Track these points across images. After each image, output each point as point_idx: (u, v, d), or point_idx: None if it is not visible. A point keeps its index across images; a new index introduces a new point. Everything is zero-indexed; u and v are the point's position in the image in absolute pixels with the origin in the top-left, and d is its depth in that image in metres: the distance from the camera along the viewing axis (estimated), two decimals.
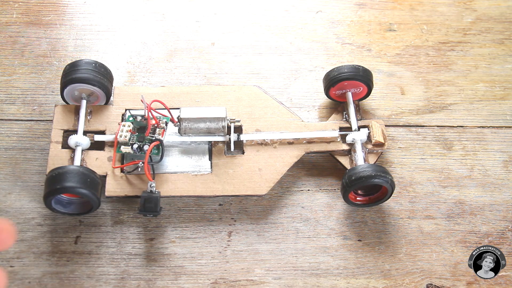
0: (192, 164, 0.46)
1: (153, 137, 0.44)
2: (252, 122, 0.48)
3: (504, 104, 0.54)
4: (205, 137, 0.46)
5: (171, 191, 0.44)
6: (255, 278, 0.44)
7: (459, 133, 0.52)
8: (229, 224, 0.46)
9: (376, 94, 0.53)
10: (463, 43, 0.58)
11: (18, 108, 0.51)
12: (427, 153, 0.50)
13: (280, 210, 0.47)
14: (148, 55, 0.55)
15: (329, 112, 0.52)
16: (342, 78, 0.48)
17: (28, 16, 0.57)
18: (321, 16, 0.59)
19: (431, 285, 0.44)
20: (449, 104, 0.53)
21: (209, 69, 0.55)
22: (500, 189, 0.49)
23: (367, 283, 0.44)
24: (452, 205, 0.48)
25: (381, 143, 0.47)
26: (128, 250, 0.44)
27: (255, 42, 0.57)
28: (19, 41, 0.55)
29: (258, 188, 0.45)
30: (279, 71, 0.55)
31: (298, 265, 0.44)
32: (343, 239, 0.46)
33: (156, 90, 0.49)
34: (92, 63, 0.47)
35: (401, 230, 0.46)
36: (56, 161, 0.44)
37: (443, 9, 0.60)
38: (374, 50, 0.57)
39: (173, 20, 0.58)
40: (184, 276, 0.43)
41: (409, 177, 0.49)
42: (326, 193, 0.48)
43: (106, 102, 0.49)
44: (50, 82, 0.53)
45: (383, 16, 0.59)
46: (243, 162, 0.46)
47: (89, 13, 0.58)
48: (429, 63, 0.56)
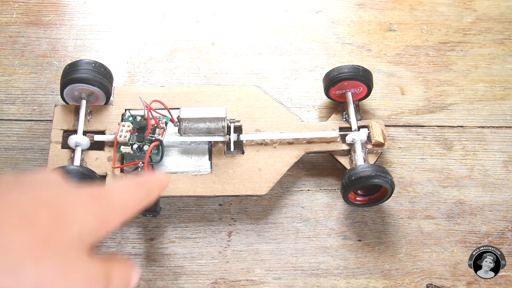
0: (192, 164, 0.46)
1: (153, 137, 0.44)
2: (252, 122, 0.48)
3: (504, 104, 0.54)
4: (205, 137, 0.46)
5: (171, 191, 0.44)
6: (255, 278, 0.44)
7: (459, 133, 0.52)
8: (229, 224, 0.46)
9: (376, 94, 0.53)
10: (463, 43, 0.58)
11: (18, 108, 0.51)
12: (427, 153, 0.50)
13: (280, 210, 0.47)
14: (148, 55, 0.55)
15: (329, 112, 0.52)
16: (342, 78, 0.48)
17: (28, 16, 0.57)
18: (321, 16, 0.59)
19: (431, 285, 0.44)
20: (449, 104, 0.53)
21: (209, 69, 0.55)
22: (500, 189, 0.49)
23: (367, 283, 0.44)
24: (452, 205, 0.48)
25: (381, 143, 0.47)
26: (128, 250, 0.44)
27: (255, 42, 0.57)
28: (19, 41, 0.55)
29: (258, 188, 0.45)
30: (279, 71, 0.55)
31: (298, 265, 0.44)
32: (343, 239, 0.46)
33: (156, 90, 0.49)
34: (92, 63, 0.47)
35: (401, 230, 0.46)
36: (56, 161, 0.44)
37: (443, 9, 0.60)
38: (374, 50, 0.57)
39: (173, 20, 0.58)
40: (184, 276, 0.43)
41: (409, 177, 0.49)
42: (326, 193, 0.48)
43: (106, 102, 0.49)
44: (50, 82, 0.53)
45: (383, 16, 0.59)
46: (243, 162, 0.46)
47: (89, 13, 0.58)
48: (429, 63, 0.56)
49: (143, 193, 0.24)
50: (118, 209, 0.23)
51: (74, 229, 0.21)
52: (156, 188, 0.25)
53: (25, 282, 0.19)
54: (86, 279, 0.21)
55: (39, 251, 0.20)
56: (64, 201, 0.22)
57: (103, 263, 0.22)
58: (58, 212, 0.21)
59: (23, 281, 0.19)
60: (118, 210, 0.23)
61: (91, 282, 0.21)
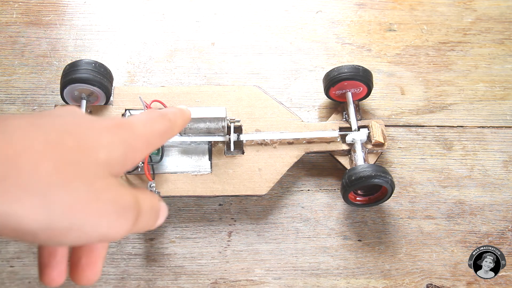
0: (192, 164, 0.46)
1: None
2: (252, 122, 0.48)
3: (504, 104, 0.54)
4: (205, 137, 0.46)
5: (171, 191, 0.44)
6: (255, 278, 0.44)
7: (459, 133, 0.52)
8: (229, 224, 0.46)
9: (376, 94, 0.53)
10: (463, 43, 0.58)
11: (18, 108, 0.51)
12: (427, 153, 0.50)
13: (280, 210, 0.47)
14: (148, 55, 0.55)
15: (329, 112, 0.52)
16: (342, 78, 0.48)
17: (28, 16, 0.57)
18: (321, 16, 0.59)
19: (431, 285, 0.44)
20: (449, 104, 0.53)
21: (209, 69, 0.55)
22: (500, 189, 0.49)
23: (367, 283, 0.44)
24: (452, 205, 0.48)
25: (381, 143, 0.47)
26: (128, 250, 0.44)
27: (255, 42, 0.57)
28: (19, 41, 0.55)
29: (258, 188, 0.45)
30: (279, 71, 0.55)
31: (298, 265, 0.44)
32: (343, 239, 0.46)
33: (156, 90, 0.49)
34: (92, 63, 0.47)
35: (401, 230, 0.46)
36: None
37: (443, 9, 0.60)
38: (374, 50, 0.57)
39: (173, 20, 0.58)
40: (184, 276, 0.43)
41: (409, 177, 0.49)
42: (326, 193, 0.48)
43: (106, 102, 0.49)
44: (50, 82, 0.53)
45: (383, 16, 0.59)
46: (243, 162, 0.46)
47: (89, 13, 0.58)
48: (429, 63, 0.56)
49: (166, 123, 0.24)
50: (143, 137, 0.22)
51: (101, 154, 0.20)
52: (178, 119, 0.25)
53: (57, 206, 0.19)
54: (117, 204, 0.20)
55: (68, 175, 0.19)
56: (90, 127, 0.21)
57: (133, 192, 0.21)
58: (84, 137, 0.20)
59: (55, 205, 0.18)
60: (143, 138, 0.22)
61: (123, 208, 0.20)
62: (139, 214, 0.21)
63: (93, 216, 0.19)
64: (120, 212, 0.20)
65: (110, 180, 0.20)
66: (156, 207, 0.23)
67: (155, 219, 0.23)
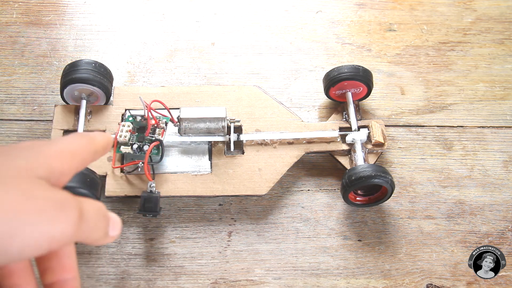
0: (192, 164, 0.46)
1: (153, 137, 0.44)
2: (252, 122, 0.48)
3: (504, 104, 0.54)
4: (205, 137, 0.46)
5: (171, 191, 0.44)
6: (255, 278, 0.44)
7: (459, 133, 0.52)
8: (229, 224, 0.46)
9: (376, 94, 0.53)
10: (463, 43, 0.58)
11: (18, 108, 0.51)
12: (427, 153, 0.50)
13: (280, 210, 0.47)
14: (148, 55, 0.55)
15: (329, 112, 0.52)
16: (342, 78, 0.48)
17: (28, 16, 0.57)
18: (321, 16, 0.59)
19: (431, 285, 0.44)
20: (449, 104, 0.53)
21: (209, 69, 0.55)
22: (500, 189, 0.49)
23: (367, 283, 0.44)
24: (452, 205, 0.48)
25: (381, 143, 0.47)
26: (128, 250, 0.44)
27: (255, 42, 0.57)
28: (19, 41, 0.55)
29: (258, 188, 0.45)
30: (279, 71, 0.55)
31: (298, 265, 0.44)
32: (343, 239, 0.46)
33: (156, 90, 0.49)
34: (92, 63, 0.47)
35: (401, 230, 0.46)
36: None
37: (443, 9, 0.60)
38: (374, 50, 0.57)
39: (173, 20, 0.58)
40: (184, 276, 0.43)
41: (409, 177, 0.49)
42: (326, 193, 0.48)
43: (106, 102, 0.49)
44: (50, 82, 0.53)
45: (383, 16, 0.59)
46: (243, 162, 0.46)
47: (89, 13, 0.58)
48: (429, 63, 0.56)
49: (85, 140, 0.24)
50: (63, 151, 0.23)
51: (21, 161, 0.20)
52: (97, 136, 0.25)
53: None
54: (53, 200, 0.20)
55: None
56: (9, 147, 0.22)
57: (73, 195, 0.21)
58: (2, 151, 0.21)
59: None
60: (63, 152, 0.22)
61: (60, 202, 0.20)
62: (81, 213, 0.21)
63: (30, 214, 0.19)
64: (58, 207, 0.20)
65: (40, 181, 0.20)
66: (102, 211, 0.23)
67: (103, 224, 0.23)
